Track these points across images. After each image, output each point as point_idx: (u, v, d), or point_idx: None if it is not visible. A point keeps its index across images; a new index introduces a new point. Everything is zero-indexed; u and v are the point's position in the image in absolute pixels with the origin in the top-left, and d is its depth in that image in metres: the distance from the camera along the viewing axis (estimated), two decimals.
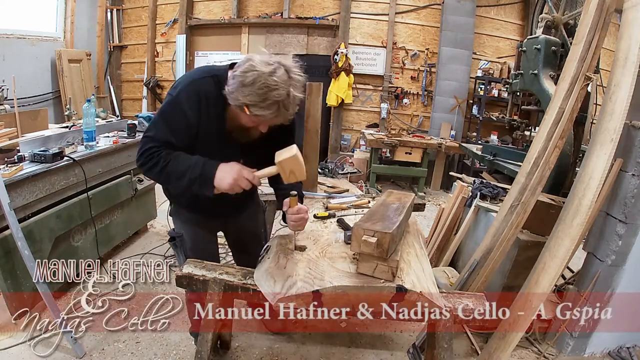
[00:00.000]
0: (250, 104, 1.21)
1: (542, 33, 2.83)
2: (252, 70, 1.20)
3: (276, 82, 1.19)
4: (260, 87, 1.18)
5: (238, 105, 1.25)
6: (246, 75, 1.20)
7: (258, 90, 1.19)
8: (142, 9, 6.08)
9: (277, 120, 1.28)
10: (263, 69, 1.19)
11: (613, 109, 1.72)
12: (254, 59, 1.23)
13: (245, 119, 1.31)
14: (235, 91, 1.23)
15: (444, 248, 2.74)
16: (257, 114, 1.23)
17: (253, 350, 2.00)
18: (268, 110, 1.22)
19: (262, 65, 1.20)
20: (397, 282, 1.24)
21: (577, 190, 1.77)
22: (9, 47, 4.44)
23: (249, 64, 1.21)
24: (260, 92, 1.19)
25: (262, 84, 1.18)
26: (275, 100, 1.20)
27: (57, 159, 2.11)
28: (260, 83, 1.18)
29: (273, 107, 1.21)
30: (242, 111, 1.26)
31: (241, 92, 1.21)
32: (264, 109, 1.22)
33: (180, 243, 1.65)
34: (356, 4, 5.49)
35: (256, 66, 1.20)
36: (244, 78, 1.20)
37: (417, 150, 4.86)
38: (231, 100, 1.26)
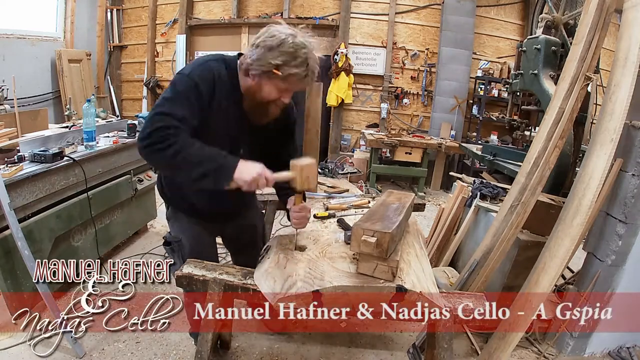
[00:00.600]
0: (282, 63, 1.24)
1: (542, 33, 2.83)
2: (276, 34, 1.25)
3: (302, 41, 1.25)
4: (289, 47, 1.23)
5: (266, 70, 1.26)
6: (272, 39, 1.24)
7: (288, 49, 1.23)
8: (142, 9, 6.08)
9: (304, 83, 1.31)
10: (286, 31, 1.26)
11: (613, 109, 1.72)
12: (274, 27, 1.28)
13: (269, 89, 1.30)
14: (261, 57, 1.25)
15: (444, 248, 2.74)
16: (290, 72, 1.25)
17: (253, 350, 2.00)
18: (301, 68, 1.26)
19: (285, 29, 1.27)
20: (397, 282, 1.24)
21: (577, 190, 1.77)
22: (9, 47, 4.44)
23: (271, 30, 1.26)
24: (291, 50, 1.23)
25: (291, 43, 1.23)
26: (304, 57, 1.25)
27: (57, 159, 2.11)
28: (289, 43, 1.23)
29: (304, 65, 1.26)
30: (269, 78, 1.28)
31: (269, 55, 1.24)
32: (296, 67, 1.25)
33: (178, 248, 1.61)
34: (356, 4, 5.49)
35: (280, 30, 1.26)
36: (270, 42, 1.24)
37: (417, 150, 4.86)
38: (257, 68, 1.27)
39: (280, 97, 1.35)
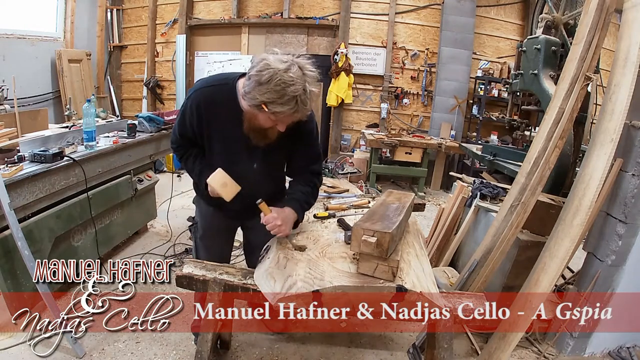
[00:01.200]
0: (268, 101, 1.24)
1: (542, 33, 2.83)
2: (268, 69, 1.23)
3: (292, 77, 1.22)
4: (277, 84, 1.22)
5: (256, 104, 1.27)
6: (262, 74, 1.23)
7: (275, 87, 1.22)
8: (142, 9, 6.08)
9: (295, 117, 1.31)
10: (278, 66, 1.23)
11: (613, 109, 1.72)
12: (268, 58, 1.26)
13: (263, 118, 1.34)
14: (252, 91, 1.26)
15: (444, 248, 2.74)
16: (276, 110, 1.26)
17: (253, 350, 2.00)
18: (287, 106, 1.25)
19: (277, 63, 1.23)
20: (397, 282, 1.24)
21: (577, 190, 1.78)
22: (9, 47, 4.44)
23: (264, 63, 1.24)
24: (278, 88, 1.22)
25: (278, 81, 1.22)
26: (292, 95, 1.23)
27: (57, 159, 2.11)
28: (277, 80, 1.22)
29: (291, 103, 1.25)
30: (260, 110, 1.29)
31: (258, 90, 1.24)
32: (282, 105, 1.25)
33: (195, 229, 1.80)
34: (356, 4, 5.49)
35: (271, 64, 1.23)
36: (259, 77, 1.24)
37: (417, 150, 4.86)
38: (248, 101, 1.30)
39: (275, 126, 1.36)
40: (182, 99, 5.75)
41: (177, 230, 3.29)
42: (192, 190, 1.80)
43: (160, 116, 3.09)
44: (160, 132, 3.03)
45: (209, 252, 1.79)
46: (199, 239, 1.80)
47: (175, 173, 4.75)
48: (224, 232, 1.82)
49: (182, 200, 3.99)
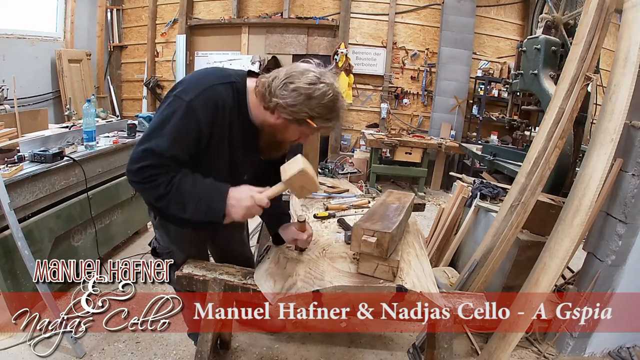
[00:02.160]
0: (317, 116, 1.18)
1: (542, 33, 2.83)
2: (320, 82, 1.16)
3: (338, 91, 1.19)
4: (330, 100, 1.17)
5: (298, 118, 1.18)
6: (312, 87, 1.15)
7: (328, 102, 1.17)
8: (142, 9, 6.08)
9: (331, 130, 1.30)
10: (330, 80, 1.18)
11: (613, 109, 1.72)
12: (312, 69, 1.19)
13: (295, 131, 1.25)
14: (298, 104, 1.16)
15: (444, 248, 2.74)
16: (322, 125, 1.21)
17: (253, 350, 2.00)
18: (333, 121, 1.22)
19: (327, 77, 1.19)
20: (397, 282, 1.24)
21: (577, 190, 1.77)
22: (9, 47, 4.44)
23: (313, 76, 1.16)
24: (330, 104, 1.18)
25: (332, 97, 1.17)
26: (340, 111, 1.21)
27: (57, 159, 2.11)
28: (330, 96, 1.17)
29: (337, 118, 1.22)
30: (299, 124, 1.20)
31: (307, 104, 1.16)
32: (329, 120, 1.21)
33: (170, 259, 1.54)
34: (356, 4, 5.49)
35: (321, 78, 1.17)
36: (309, 90, 1.15)
37: (417, 150, 4.86)
38: (289, 114, 1.18)
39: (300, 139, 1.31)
40: None
41: None
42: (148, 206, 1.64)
43: None
44: None
45: None
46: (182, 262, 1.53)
47: None
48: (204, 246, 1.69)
49: None
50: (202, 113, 1.16)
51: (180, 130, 1.15)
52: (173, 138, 1.14)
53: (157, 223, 1.51)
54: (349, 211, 1.98)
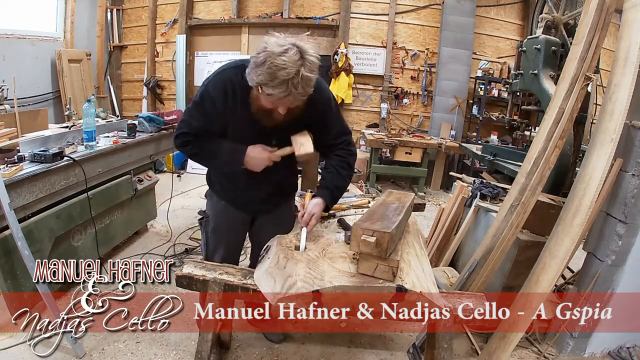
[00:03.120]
0: (262, 83, 1.29)
1: (542, 33, 2.83)
2: (264, 51, 1.27)
3: (285, 61, 1.24)
4: (269, 67, 1.25)
5: (253, 85, 1.33)
6: (259, 55, 1.28)
7: (267, 69, 1.26)
8: (142, 9, 6.07)
9: (289, 100, 1.33)
10: (274, 49, 1.26)
11: (613, 109, 1.72)
12: (268, 41, 1.30)
13: (262, 100, 1.37)
14: (250, 72, 1.31)
15: (444, 248, 2.74)
16: (268, 92, 1.30)
17: (253, 350, 2.00)
18: (278, 89, 1.27)
19: (274, 46, 1.27)
20: (397, 282, 1.24)
21: (577, 190, 1.77)
22: (9, 47, 4.44)
23: (263, 45, 1.29)
24: (270, 71, 1.25)
25: (270, 63, 1.25)
26: (283, 79, 1.25)
27: (57, 159, 2.11)
28: (269, 62, 1.25)
29: (282, 86, 1.27)
30: (259, 92, 1.33)
31: (255, 72, 1.29)
32: (274, 88, 1.28)
33: (205, 222, 1.78)
34: (356, 4, 5.48)
35: (268, 47, 1.27)
36: (256, 58, 1.28)
37: (417, 150, 4.85)
38: (249, 82, 1.34)
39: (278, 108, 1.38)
40: (182, 99, 5.74)
41: (177, 230, 3.29)
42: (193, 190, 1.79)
43: (160, 116, 3.09)
44: (160, 132, 3.02)
45: (220, 246, 1.77)
46: (210, 232, 1.78)
47: (175, 173, 4.75)
48: (236, 226, 1.79)
49: (182, 200, 3.99)
50: (213, 92, 1.47)
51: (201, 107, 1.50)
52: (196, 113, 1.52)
53: (208, 191, 1.81)
54: (349, 211, 1.98)
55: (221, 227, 1.76)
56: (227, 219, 1.75)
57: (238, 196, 1.69)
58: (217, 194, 1.74)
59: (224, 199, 1.72)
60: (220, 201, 1.73)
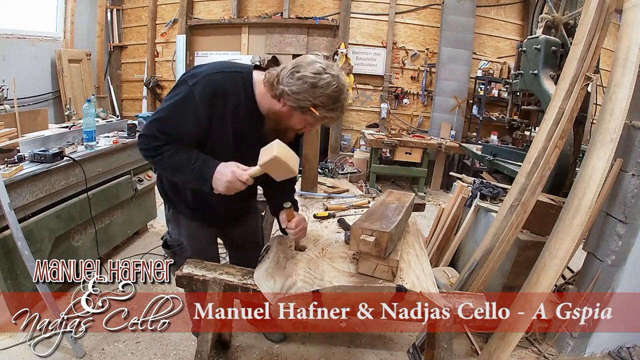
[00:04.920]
0: (322, 105, 1.22)
1: (542, 33, 2.83)
2: (326, 73, 1.21)
3: (344, 84, 1.23)
4: (334, 90, 1.21)
5: (305, 106, 1.22)
6: (317, 76, 1.20)
7: (332, 92, 1.20)
8: (142, 9, 6.08)
9: (334, 122, 1.32)
10: (335, 72, 1.22)
11: (613, 109, 1.72)
12: (319, 61, 1.23)
13: (299, 120, 1.29)
14: (302, 92, 1.21)
15: (444, 248, 2.74)
16: (325, 115, 1.24)
17: (253, 350, 2.00)
18: (336, 112, 1.25)
19: (333, 69, 1.23)
20: (397, 282, 1.24)
21: (577, 190, 1.77)
22: (9, 47, 4.43)
23: (319, 66, 1.21)
24: (334, 95, 1.21)
25: (336, 88, 1.21)
26: (343, 102, 1.25)
27: (57, 159, 2.11)
28: (334, 87, 1.20)
29: (340, 109, 1.26)
30: (303, 113, 1.25)
31: (312, 93, 1.20)
32: (332, 111, 1.24)
33: (180, 251, 1.60)
34: (356, 4, 5.49)
35: (327, 69, 1.21)
36: (315, 79, 1.20)
37: (417, 150, 4.86)
38: (294, 102, 1.22)
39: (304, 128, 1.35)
40: None
41: None
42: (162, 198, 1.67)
43: None
44: None
45: None
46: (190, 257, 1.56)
47: None
48: (212, 243, 1.72)
49: None
50: (200, 97, 1.26)
51: (179, 109, 1.27)
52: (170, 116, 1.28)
53: (170, 215, 1.60)
54: (348, 211, 1.98)
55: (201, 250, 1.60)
56: (205, 239, 1.63)
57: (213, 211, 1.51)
58: (186, 216, 1.55)
59: (195, 219, 1.55)
60: (192, 222, 1.56)
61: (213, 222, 1.61)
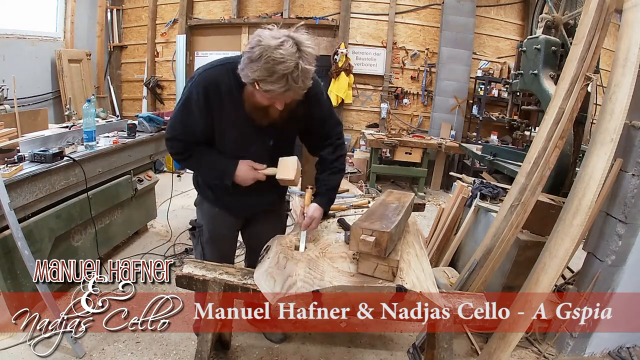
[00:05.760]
0: (259, 79, 1.22)
1: (542, 33, 2.82)
2: (259, 45, 1.19)
3: (282, 55, 1.17)
4: (266, 61, 1.18)
5: (249, 82, 1.26)
6: (253, 50, 1.20)
7: (265, 64, 1.19)
8: (142, 9, 6.08)
9: (288, 95, 1.27)
10: (270, 42, 1.19)
11: (613, 109, 1.72)
12: (261, 34, 1.23)
13: (259, 96, 1.32)
14: (245, 68, 1.24)
15: (444, 248, 2.74)
16: (267, 88, 1.22)
17: (253, 350, 2.00)
18: (277, 84, 1.21)
19: (269, 39, 1.19)
20: (397, 282, 1.24)
21: (577, 190, 1.77)
22: (9, 47, 4.43)
23: (257, 39, 1.21)
24: (267, 66, 1.18)
25: (268, 57, 1.18)
26: (282, 73, 1.19)
27: (57, 159, 2.11)
28: (266, 57, 1.18)
29: (281, 81, 1.20)
30: (254, 88, 1.27)
31: (250, 68, 1.22)
32: (272, 84, 1.21)
33: (199, 233, 1.72)
34: (356, 4, 5.49)
35: (263, 40, 1.20)
36: (251, 53, 1.20)
37: (417, 150, 4.86)
38: (243, 78, 1.26)
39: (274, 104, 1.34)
40: None
41: (177, 230, 3.28)
42: (193, 190, 1.78)
43: (160, 116, 3.09)
44: (160, 132, 3.02)
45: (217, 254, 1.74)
46: (205, 242, 1.74)
47: (175, 173, 4.75)
48: (231, 232, 1.79)
49: (182, 200, 3.99)
50: (196, 94, 1.40)
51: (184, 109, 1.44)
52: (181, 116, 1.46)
53: (198, 200, 1.75)
54: (348, 211, 1.98)
55: (217, 235, 1.72)
56: (223, 226, 1.71)
57: (233, 201, 1.63)
58: (210, 201, 1.68)
59: (217, 205, 1.67)
60: (214, 208, 1.68)
61: (233, 211, 1.69)
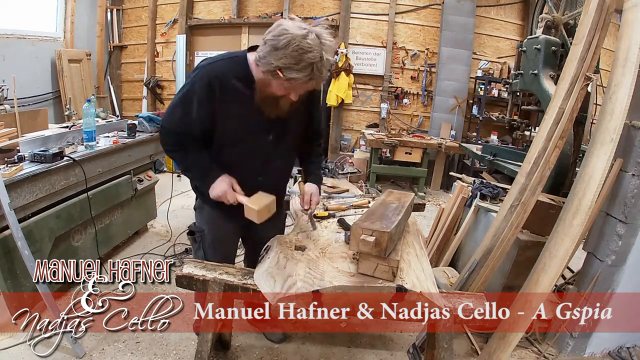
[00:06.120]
0: (284, 66, 1.22)
1: (542, 33, 2.83)
2: (285, 34, 1.21)
3: (310, 44, 1.20)
4: (294, 49, 1.19)
5: (271, 70, 1.24)
6: (279, 38, 1.20)
7: (292, 52, 1.20)
8: (142, 9, 6.07)
9: (310, 85, 1.29)
10: (296, 32, 1.20)
11: (613, 109, 1.72)
12: (286, 24, 1.24)
13: (276, 86, 1.31)
14: (267, 55, 1.23)
15: (444, 248, 2.74)
16: (292, 76, 1.23)
17: (253, 350, 2.00)
18: (303, 73, 1.22)
19: (295, 29, 1.21)
20: (397, 282, 1.24)
21: (577, 190, 1.77)
22: (9, 47, 4.43)
23: (281, 28, 1.22)
24: (295, 54, 1.19)
25: (296, 46, 1.19)
26: (309, 62, 1.21)
27: (57, 159, 2.11)
28: (294, 45, 1.19)
29: (307, 70, 1.22)
30: (274, 77, 1.26)
31: (274, 55, 1.22)
32: (298, 72, 1.22)
33: (201, 238, 1.70)
34: (356, 4, 5.48)
35: (289, 30, 1.21)
36: (277, 41, 1.21)
37: (417, 150, 4.86)
38: (262, 66, 1.26)
39: (289, 95, 1.33)
40: None
41: (177, 230, 3.28)
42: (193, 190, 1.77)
43: (160, 116, 3.09)
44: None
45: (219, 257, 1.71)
46: (208, 247, 1.71)
47: (175, 173, 4.75)
48: (233, 234, 1.78)
49: (182, 200, 3.99)
50: (199, 87, 1.38)
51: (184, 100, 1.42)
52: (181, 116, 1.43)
53: (198, 204, 1.73)
54: (348, 211, 1.98)
55: (219, 239, 1.71)
56: (224, 229, 1.70)
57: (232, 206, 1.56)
58: (210, 205, 1.63)
59: (218, 208, 1.61)
60: (214, 211, 1.65)
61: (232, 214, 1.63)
